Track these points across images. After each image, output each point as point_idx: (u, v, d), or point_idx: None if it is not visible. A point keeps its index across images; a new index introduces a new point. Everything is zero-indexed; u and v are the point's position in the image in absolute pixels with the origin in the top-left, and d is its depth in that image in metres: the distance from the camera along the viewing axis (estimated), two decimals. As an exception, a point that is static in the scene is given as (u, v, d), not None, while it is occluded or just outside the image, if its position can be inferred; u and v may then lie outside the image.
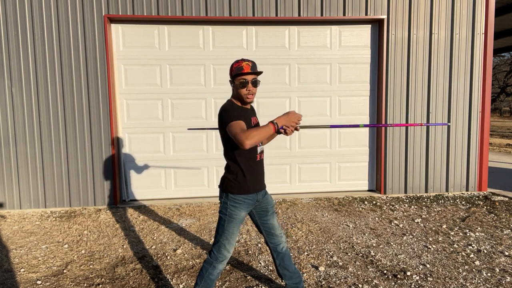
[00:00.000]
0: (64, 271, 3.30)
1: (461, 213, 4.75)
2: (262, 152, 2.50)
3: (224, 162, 2.52)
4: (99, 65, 5.05)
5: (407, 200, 5.33)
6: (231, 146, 2.37)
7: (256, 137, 2.09)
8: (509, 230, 4.12)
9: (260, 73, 2.38)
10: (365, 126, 2.39)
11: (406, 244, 3.77)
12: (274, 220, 2.60)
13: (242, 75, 2.31)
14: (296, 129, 2.33)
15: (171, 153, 5.49)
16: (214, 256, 2.42)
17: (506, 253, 3.52)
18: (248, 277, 3.12)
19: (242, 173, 2.38)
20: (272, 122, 2.19)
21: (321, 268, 3.24)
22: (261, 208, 2.55)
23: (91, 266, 3.38)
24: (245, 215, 2.46)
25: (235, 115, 2.25)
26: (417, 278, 3.07)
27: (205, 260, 2.48)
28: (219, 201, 2.48)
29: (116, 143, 5.28)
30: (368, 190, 5.84)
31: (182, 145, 5.50)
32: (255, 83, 2.35)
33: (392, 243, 3.80)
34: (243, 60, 2.34)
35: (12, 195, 5.09)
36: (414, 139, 5.58)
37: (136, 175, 5.48)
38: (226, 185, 2.41)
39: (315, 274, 3.17)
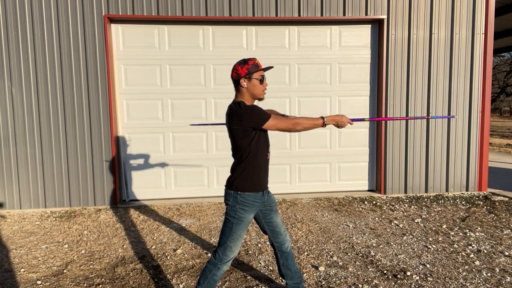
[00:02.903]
0: (64, 271, 3.30)
1: (461, 213, 4.75)
2: (269, 151, 2.54)
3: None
4: (99, 65, 5.05)
5: (407, 200, 5.33)
6: (245, 144, 2.34)
7: (306, 125, 2.34)
8: (509, 230, 4.12)
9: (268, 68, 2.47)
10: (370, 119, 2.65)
11: (406, 244, 3.77)
12: (277, 218, 2.61)
13: (260, 71, 2.38)
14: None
15: (171, 153, 5.49)
16: (219, 258, 2.40)
17: (506, 253, 3.52)
18: (248, 277, 3.12)
19: (254, 171, 2.38)
20: (322, 117, 2.36)
21: (321, 268, 3.24)
22: (265, 207, 2.55)
23: (91, 266, 3.38)
24: (253, 217, 2.47)
25: (264, 111, 2.33)
26: (417, 278, 3.08)
27: (209, 261, 2.46)
28: (225, 203, 2.47)
29: (116, 143, 5.28)
30: (368, 190, 5.84)
31: (182, 145, 5.50)
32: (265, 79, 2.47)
33: (392, 243, 3.80)
34: (252, 58, 2.41)
35: (12, 195, 5.09)
36: (414, 139, 5.57)
37: (136, 175, 5.48)
38: (237, 184, 2.38)
39: (315, 274, 3.17)
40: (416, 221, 4.46)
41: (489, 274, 3.12)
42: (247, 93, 2.39)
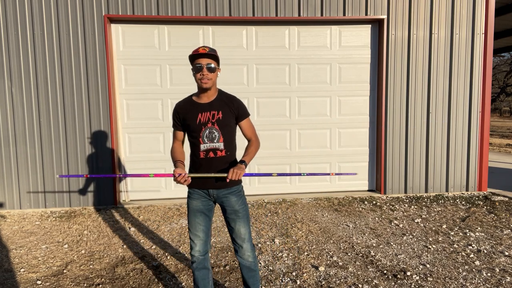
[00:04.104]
0: (64, 271, 3.30)
1: (461, 213, 4.75)
2: (212, 150, 2.33)
3: None
4: (99, 65, 5.05)
5: (407, 200, 5.33)
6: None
7: (171, 155, 2.44)
8: (509, 230, 4.12)
9: (212, 57, 2.27)
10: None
11: (406, 244, 3.77)
12: (235, 225, 2.41)
13: (197, 58, 2.27)
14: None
15: (171, 153, 5.48)
16: None
17: (506, 253, 3.52)
18: (248, 277, 3.12)
19: (190, 166, 2.44)
20: (175, 168, 2.26)
21: (321, 268, 3.24)
22: (221, 205, 2.45)
23: (91, 266, 3.38)
24: (200, 205, 2.39)
25: (173, 122, 2.49)
26: (417, 278, 3.07)
27: None
28: None
29: (116, 143, 5.28)
30: (368, 190, 5.84)
31: (182, 145, 5.49)
32: (210, 69, 2.28)
33: (392, 243, 3.80)
34: (197, 47, 2.30)
35: (12, 195, 5.09)
36: (414, 139, 5.57)
37: (136, 175, 5.47)
38: None
39: (315, 274, 3.17)
40: (416, 221, 4.46)
41: (489, 274, 3.12)
42: None
